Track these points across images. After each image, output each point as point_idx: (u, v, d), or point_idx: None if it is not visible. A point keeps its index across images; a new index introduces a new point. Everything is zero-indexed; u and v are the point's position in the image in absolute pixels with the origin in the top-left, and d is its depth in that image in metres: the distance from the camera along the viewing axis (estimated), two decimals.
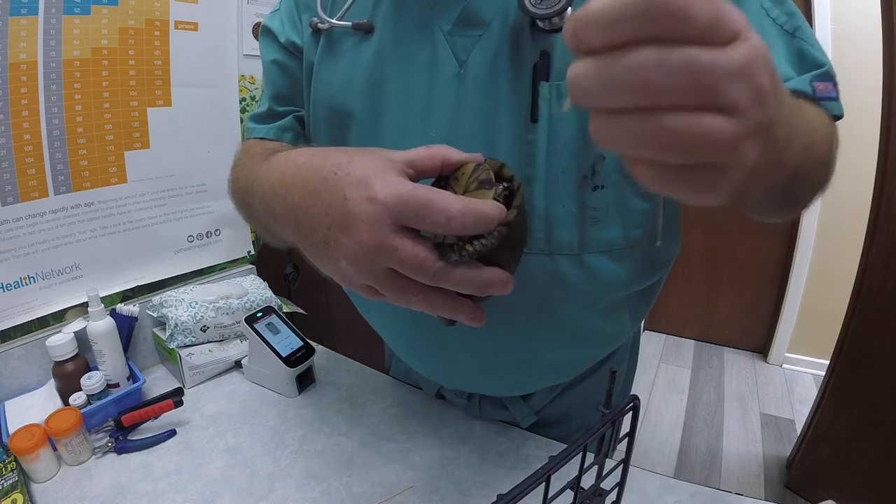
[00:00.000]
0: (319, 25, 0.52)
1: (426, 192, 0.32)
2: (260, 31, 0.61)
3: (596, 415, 0.39)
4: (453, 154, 0.36)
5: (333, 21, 0.50)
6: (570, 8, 0.40)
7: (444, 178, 0.37)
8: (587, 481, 0.39)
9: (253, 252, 1.10)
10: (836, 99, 0.44)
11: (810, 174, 0.37)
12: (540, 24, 0.41)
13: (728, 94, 0.20)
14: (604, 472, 0.42)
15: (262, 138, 0.59)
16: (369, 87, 0.49)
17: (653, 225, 0.48)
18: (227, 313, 0.88)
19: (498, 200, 0.34)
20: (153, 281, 0.94)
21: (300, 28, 0.56)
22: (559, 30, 0.41)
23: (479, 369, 0.57)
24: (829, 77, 0.44)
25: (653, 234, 0.50)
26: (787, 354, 2.38)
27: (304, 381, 0.80)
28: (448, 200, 0.31)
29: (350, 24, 0.49)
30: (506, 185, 0.35)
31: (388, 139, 0.49)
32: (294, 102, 0.59)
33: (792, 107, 0.27)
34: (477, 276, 0.33)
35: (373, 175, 0.33)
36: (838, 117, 0.45)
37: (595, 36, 0.22)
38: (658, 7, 0.19)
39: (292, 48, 0.57)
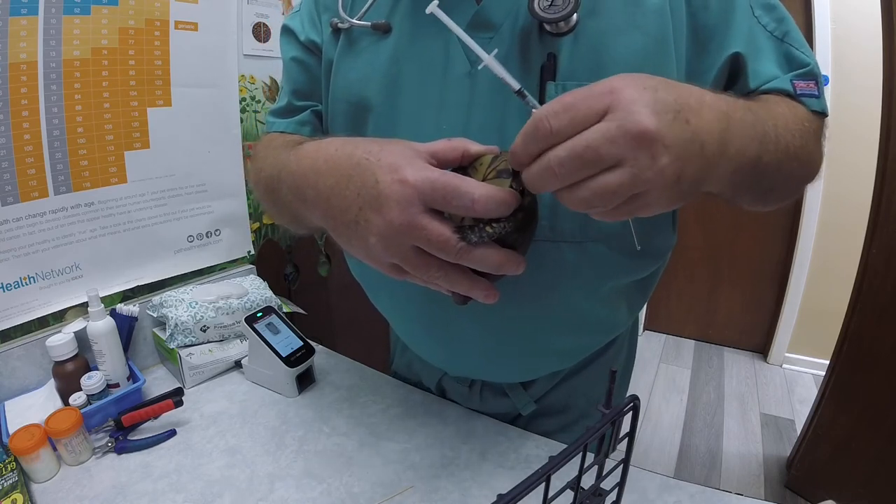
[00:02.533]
0: (340, 25, 0.55)
1: (453, 178, 0.35)
2: (280, 30, 0.64)
3: (595, 406, 0.40)
4: (472, 146, 0.40)
5: (353, 21, 0.53)
6: (575, 14, 0.43)
7: (463, 167, 0.40)
8: (587, 481, 0.39)
9: (253, 252, 1.10)
10: (818, 96, 0.47)
11: (780, 165, 0.41)
12: (547, 27, 0.44)
13: (608, 155, 0.30)
14: (604, 472, 0.42)
15: (281, 132, 0.62)
16: (386, 82, 0.52)
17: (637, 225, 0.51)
18: (227, 313, 0.88)
19: (513, 188, 0.37)
20: (153, 281, 0.94)
21: (319, 27, 0.59)
22: (566, 33, 0.44)
23: (484, 352, 0.59)
24: (811, 76, 0.48)
25: (649, 225, 0.52)
26: (787, 354, 2.38)
27: (304, 381, 0.80)
28: (472, 186, 0.35)
29: (369, 24, 0.52)
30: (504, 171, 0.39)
31: (403, 131, 0.51)
32: (312, 98, 0.62)
33: (724, 110, 0.34)
34: (495, 255, 0.37)
35: (403, 161, 0.37)
36: (823, 114, 0.49)
37: (522, 154, 0.33)
38: (535, 130, 0.32)
39: (312, 46, 0.60)
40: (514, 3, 0.46)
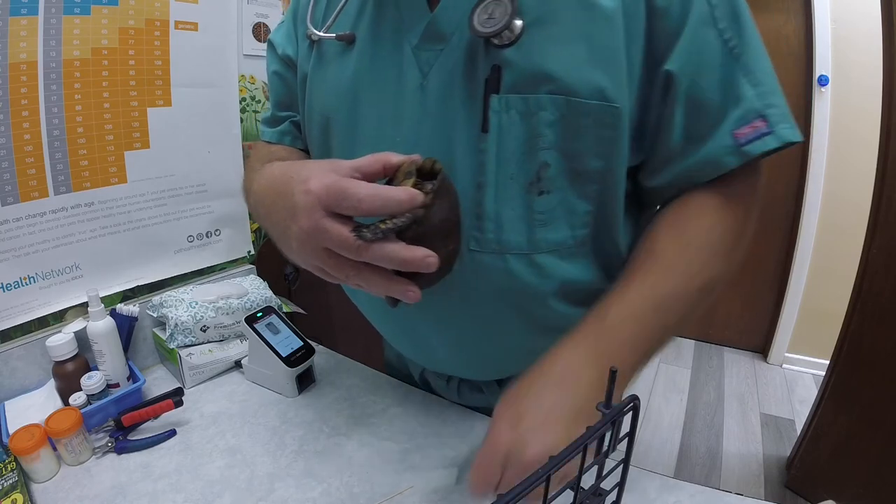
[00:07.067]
0: (312, 37, 0.56)
1: (343, 182, 0.38)
2: (266, 43, 0.66)
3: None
4: (393, 157, 0.42)
5: (321, 33, 0.54)
6: (515, 20, 0.42)
7: (391, 179, 0.43)
8: (587, 481, 0.39)
9: (253, 252, 1.10)
10: (770, 132, 0.44)
11: (668, 341, 0.46)
12: (494, 40, 0.43)
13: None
14: (604, 472, 0.42)
15: (268, 141, 0.68)
16: (349, 95, 0.53)
17: (598, 224, 0.51)
18: (227, 313, 0.88)
19: (422, 189, 0.39)
20: (153, 281, 0.94)
21: (296, 42, 0.61)
22: (509, 45, 0.43)
23: (449, 354, 0.61)
24: (754, 115, 0.44)
25: (599, 233, 0.52)
26: (787, 354, 2.38)
27: (304, 381, 0.80)
28: (358, 187, 0.38)
29: (334, 35, 0.53)
30: (426, 178, 0.41)
31: (363, 145, 0.52)
32: (292, 108, 0.66)
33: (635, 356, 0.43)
34: (397, 251, 0.39)
35: (313, 174, 0.40)
36: (782, 146, 0.45)
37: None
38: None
39: (287, 61, 0.63)
40: (464, 15, 0.45)
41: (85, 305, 0.78)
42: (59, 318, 0.82)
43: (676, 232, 0.47)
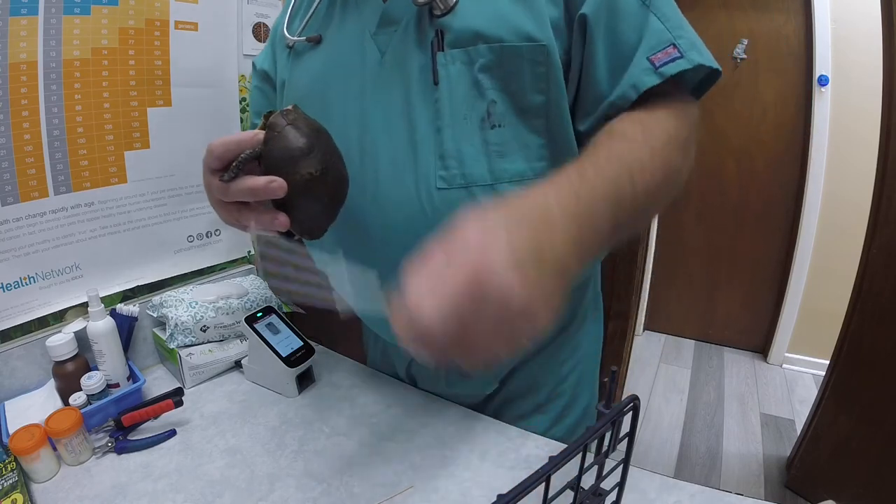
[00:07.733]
0: (288, 44, 0.64)
1: (211, 143, 0.46)
2: (251, 66, 0.75)
3: (564, 382, 0.41)
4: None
5: (293, 38, 0.63)
6: None
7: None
8: (587, 481, 0.39)
9: (253, 252, 1.10)
10: (681, 56, 0.49)
11: (643, 210, 0.46)
12: (436, 12, 0.52)
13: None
14: (604, 472, 0.42)
15: None
16: (318, 81, 0.61)
17: (555, 158, 0.54)
18: (227, 313, 0.88)
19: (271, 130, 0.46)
20: (153, 281, 0.94)
21: (273, 58, 0.70)
22: (447, 13, 0.52)
23: None
24: (665, 43, 0.49)
25: (557, 168, 0.54)
26: (787, 354, 2.38)
27: (304, 381, 0.80)
28: (215, 141, 0.46)
29: (305, 38, 0.62)
30: (270, 120, 0.47)
31: (333, 122, 0.56)
32: None
33: (578, 223, 0.38)
34: (245, 182, 0.46)
35: None
36: (700, 67, 0.49)
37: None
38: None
39: (265, 75, 0.71)
40: (408, 3, 0.53)
41: (85, 305, 0.78)
42: (59, 318, 0.82)
43: (634, 120, 0.49)
